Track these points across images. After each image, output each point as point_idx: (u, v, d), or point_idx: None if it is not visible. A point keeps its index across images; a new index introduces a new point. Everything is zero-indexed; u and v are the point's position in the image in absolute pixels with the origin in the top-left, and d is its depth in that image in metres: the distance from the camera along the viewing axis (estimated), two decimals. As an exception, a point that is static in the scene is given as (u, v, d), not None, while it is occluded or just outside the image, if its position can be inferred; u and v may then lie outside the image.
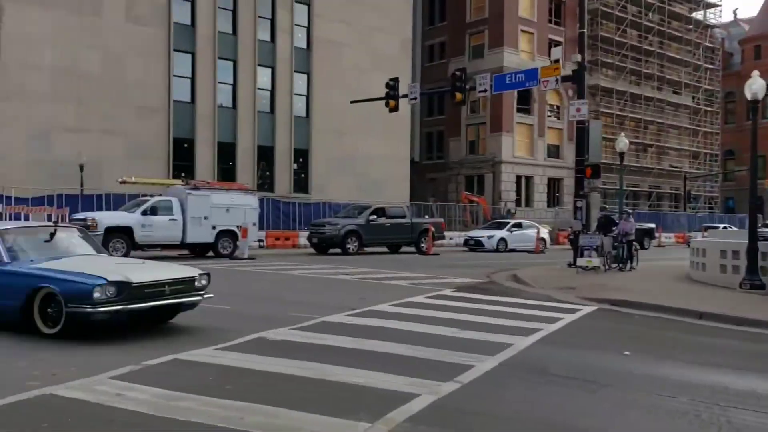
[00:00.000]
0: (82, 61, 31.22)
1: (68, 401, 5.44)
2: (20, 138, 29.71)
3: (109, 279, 7.72)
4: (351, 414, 5.23)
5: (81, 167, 29.11)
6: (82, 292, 7.62)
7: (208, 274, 8.94)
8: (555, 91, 50.72)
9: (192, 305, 8.78)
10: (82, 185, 28.61)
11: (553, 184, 53.76)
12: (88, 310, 7.60)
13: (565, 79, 21.43)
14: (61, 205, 25.52)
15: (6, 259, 8.34)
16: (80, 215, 21.79)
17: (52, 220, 19.09)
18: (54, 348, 7.44)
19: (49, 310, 7.87)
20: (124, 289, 7.79)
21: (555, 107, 53.69)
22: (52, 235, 9.17)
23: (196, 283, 8.69)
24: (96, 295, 7.57)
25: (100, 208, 25.63)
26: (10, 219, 23.60)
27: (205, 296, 8.84)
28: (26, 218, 23.75)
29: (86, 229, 20.16)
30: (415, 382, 6.22)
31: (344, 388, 6.04)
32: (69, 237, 9.53)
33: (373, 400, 5.67)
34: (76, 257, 8.94)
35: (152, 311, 8.32)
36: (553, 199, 53.36)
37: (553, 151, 53.56)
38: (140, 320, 8.46)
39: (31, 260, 8.48)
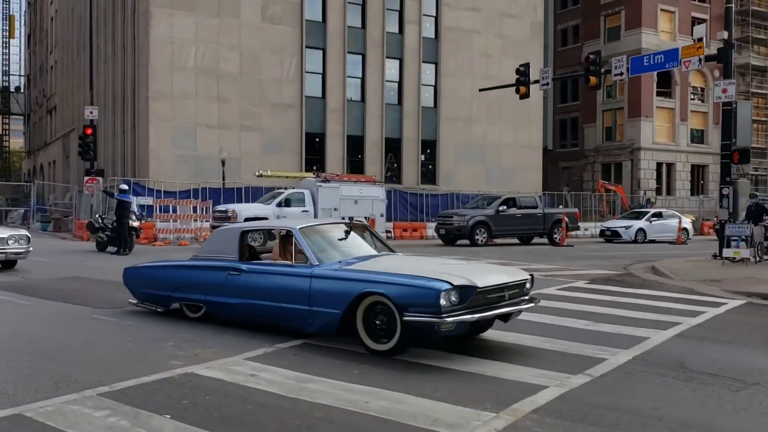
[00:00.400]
0: (222, 61, 32.93)
1: (207, 380, 5.78)
2: (168, 135, 31.82)
3: (454, 283, 6.37)
4: (476, 403, 5.19)
5: (222, 162, 30.76)
6: (426, 299, 6.28)
7: (532, 276, 7.68)
8: (699, 73, 47.64)
9: (519, 313, 7.36)
10: (223, 179, 30.22)
11: (697, 171, 50.53)
12: (433, 320, 6.22)
13: (709, 58, 20.01)
14: (205, 197, 27.11)
15: (314, 261, 7.27)
16: (221, 207, 23.05)
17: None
18: (197, 330, 7.93)
19: (377, 321, 6.64)
20: (469, 295, 6.46)
21: (699, 89, 50.36)
22: (347, 232, 8.07)
23: (525, 288, 7.37)
24: (442, 302, 6.21)
25: (239, 200, 27.03)
26: (160, 211, 25.38)
27: (536, 303, 7.48)
28: (174, 210, 25.45)
29: (227, 219, 21.43)
30: (543, 374, 6.07)
31: (470, 378, 5.99)
32: (354, 234, 8.26)
33: (500, 390, 5.59)
34: (384, 257, 7.85)
35: (488, 322, 7.16)
36: (697, 187, 50.16)
37: (697, 137, 50.30)
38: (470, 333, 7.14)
39: (339, 261, 7.38)
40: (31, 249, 14.60)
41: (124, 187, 20.91)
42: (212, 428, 4.55)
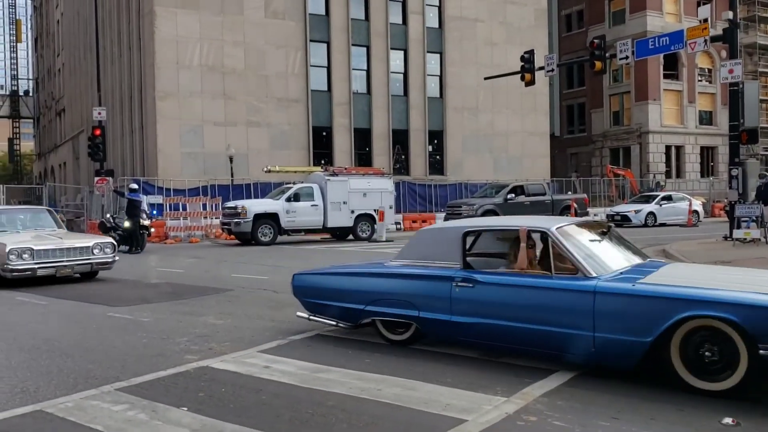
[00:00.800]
0: (227, 58, 33.01)
1: (222, 373, 5.88)
2: (176, 133, 31.95)
3: None
4: (487, 388, 5.26)
5: (230, 159, 30.89)
6: None
7: None
8: (706, 54, 47.30)
9: None
10: (232, 176, 30.36)
11: (707, 153, 50.27)
12: None
13: (714, 39, 19.91)
14: (214, 194, 27.28)
15: (590, 272, 5.66)
16: (231, 203, 23.15)
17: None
18: (211, 325, 8.04)
19: (705, 352, 5.11)
20: None
21: (706, 71, 50.03)
22: (604, 233, 6.57)
23: None
24: None
25: (248, 197, 27.18)
26: (170, 209, 25.54)
27: None
28: (184, 208, 25.61)
29: (237, 215, 21.56)
30: (554, 359, 6.11)
31: (481, 364, 6.06)
32: (608, 235, 6.67)
33: (511, 375, 5.66)
34: (673, 266, 6.64)
35: None
36: (707, 169, 49.93)
37: (706, 118, 50.01)
38: None
39: (620, 272, 5.85)
40: (117, 258, 12.99)
41: (134, 186, 21.07)
42: (228, 419, 4.64)
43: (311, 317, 7.33)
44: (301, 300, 7.48)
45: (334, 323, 7.16)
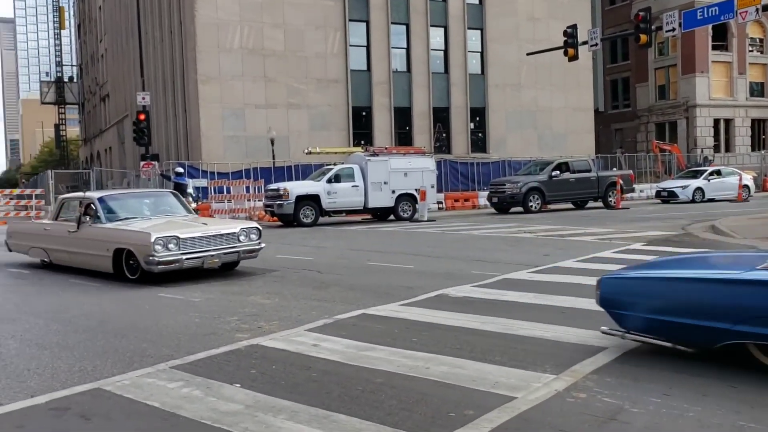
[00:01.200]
0: (267, 40, 33.17)
1: (272, 351, 5.98)
2: (218, 117, 32.35)
3: None
4: (536, 366, 5.25)
5: (272, 141, 31.13)
6: None
7: None
8: (757, 23, 45.77)
9: None
10: (273, 158, 30.61)
11: (758, 126, 48.78)
12: None
13: (766, 8, 19.22)
14: (257, 177, 27.58)
15: None
16: (273, 186, 23.37)
17: None
18: (259, 305, 8.18)
19: None
20: None
21: (758, 40, 48.41)
22: None
23: None
24: None
25: (290, 179, 27.40)
26: (215, 192, 25.91)
27: None
28: (228, 191, 25.97)
29: (279, 197, 21.76)
30: (603, 336, 6.04)
31: (528, 341, 6.04)
32: None
33: (559, 352, 5.63)
34: None
35: None
36: (758, 142, 48.49)
37: (757, 90, 48.47)
38: None
39: None
40: (263, 245, 11.42)
41: (180, 169, 21.43)
42: (281, 395, 4.72)
43: (626, 335, 5.51)
44: (613, 312, 5.62)
45: (667, 344, 5.31)
